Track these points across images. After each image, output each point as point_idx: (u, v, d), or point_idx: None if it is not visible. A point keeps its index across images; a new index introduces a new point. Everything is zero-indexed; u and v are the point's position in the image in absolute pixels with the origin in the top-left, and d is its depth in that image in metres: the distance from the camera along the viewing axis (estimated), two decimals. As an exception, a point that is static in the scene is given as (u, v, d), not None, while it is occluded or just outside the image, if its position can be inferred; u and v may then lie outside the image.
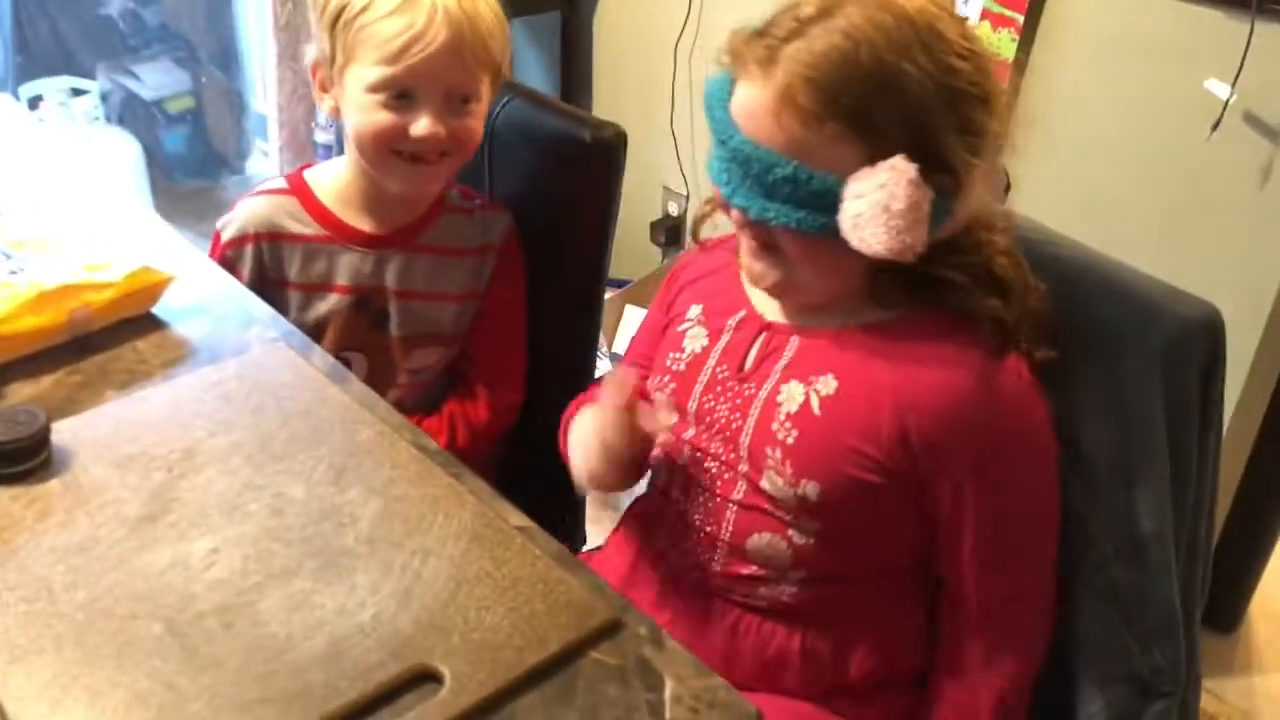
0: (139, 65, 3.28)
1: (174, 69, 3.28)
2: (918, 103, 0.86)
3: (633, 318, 2.43)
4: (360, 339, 1.24)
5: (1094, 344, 0.97)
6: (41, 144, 1.48)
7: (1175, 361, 0.92)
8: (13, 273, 1.03)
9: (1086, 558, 1.00)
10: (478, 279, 1.28)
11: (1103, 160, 1.76)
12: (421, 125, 1.13)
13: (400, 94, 1.13)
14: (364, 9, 1.11)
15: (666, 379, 1.08)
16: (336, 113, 1.19)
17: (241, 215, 1.24)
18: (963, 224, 0.94)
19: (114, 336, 1.05)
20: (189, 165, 3.32)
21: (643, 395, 1.14)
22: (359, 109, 1.15)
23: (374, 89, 1.13)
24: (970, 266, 0.96)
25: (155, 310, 1.10)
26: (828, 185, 0.87)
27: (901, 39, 0.85)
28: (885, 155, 0.85)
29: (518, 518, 0.87)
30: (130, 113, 3.26)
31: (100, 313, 1.04)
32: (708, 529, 1.03)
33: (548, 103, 1.29)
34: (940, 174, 0.87)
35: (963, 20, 0.91)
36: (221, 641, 0.75)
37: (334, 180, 1.25)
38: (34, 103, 2.92)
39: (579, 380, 1.39)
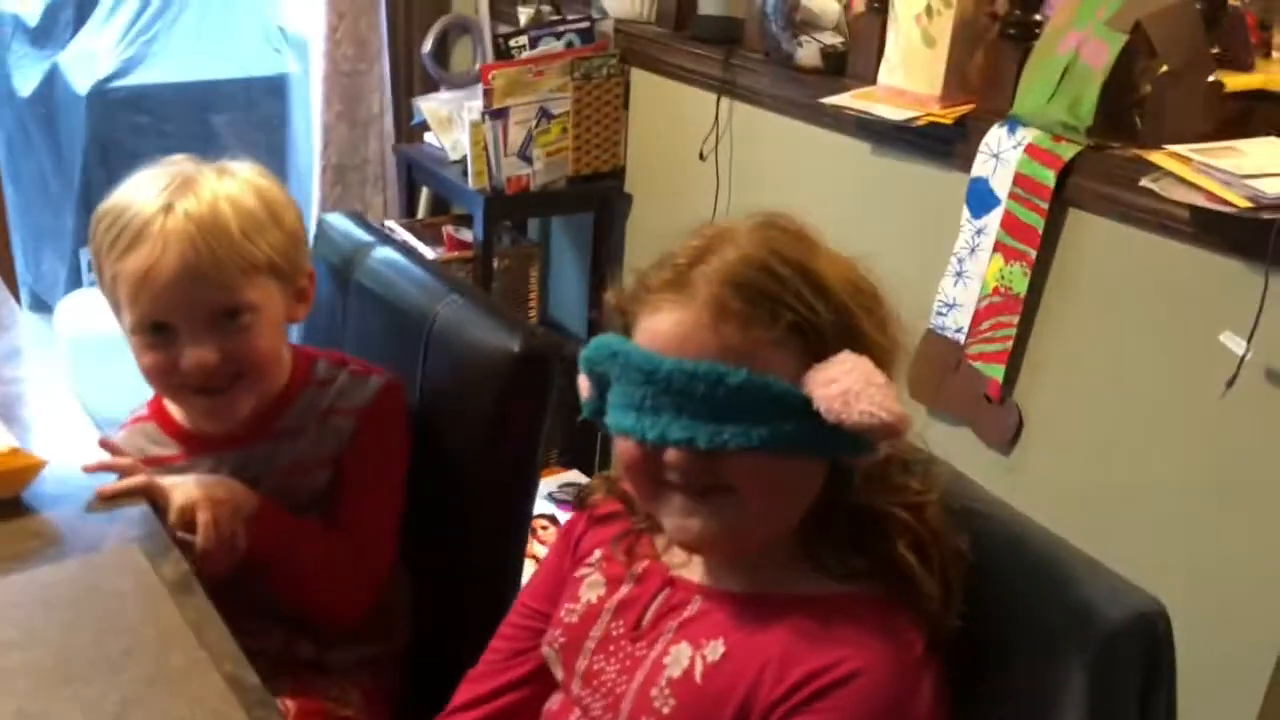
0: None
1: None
2: (841, 301, 0.83)
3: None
4: None
5: (1008, 619, 0.84)
6: None
7: (1105, 668, 0.78)
8: None
9: None
10: (336, 441, 1.19)
11: (1115, 404, 1.64)
12: (186, 357, 1.08)
13: (156, 328, 1.09)
14: (107, 255, 1.09)
15: (559, 633, 0.97)
16: None
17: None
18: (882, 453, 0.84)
19: (-34, 521, 0.99)
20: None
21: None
22: (134, 353, 1.12)
23: (133, 331, 1.11)
24: (894, 519, 0.85)
25: (26, 495, 1.03)
26: (785, 388, 0.80)
27: (803, 246, 0.85)
28: (825, 354, 0.81)
29: (311, 781, 0.76)
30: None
31: (-45, 496, 0.99)
32: None
33: (483, 305, 1.23)
34: None
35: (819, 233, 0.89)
36: None
37: None
38: (91, 264, 3.03)
39: (499, 597, 1.28)
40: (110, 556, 0.96)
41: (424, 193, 2.92)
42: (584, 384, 0.91)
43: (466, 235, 2.61)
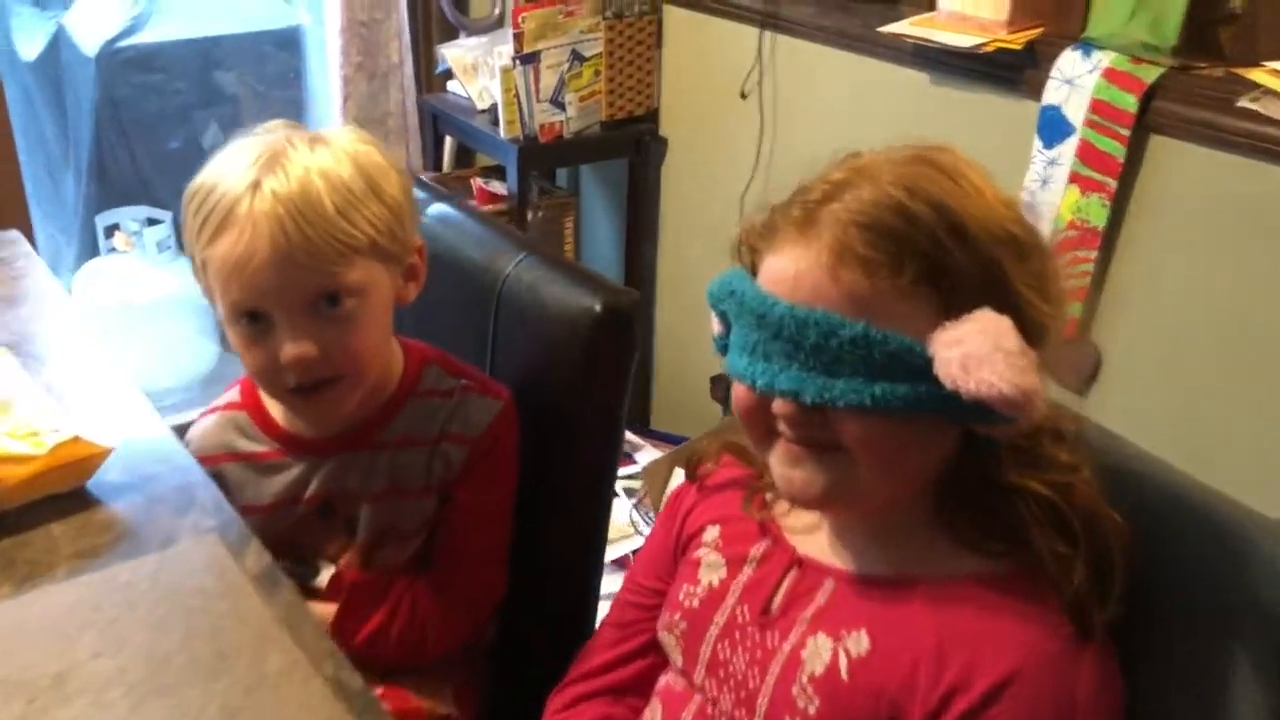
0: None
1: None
2: (987, 248, 0.74)
3: (685, 482, 2.26)
4: (333, 548, 1.09)
5: (1179, 595, 0.77)
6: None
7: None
8: (-77, 442, 0.92)
9: None
10: (445, 469, 1.10)
11: (1205, 343, 1.56)
12: (284, 351, 0.97)
13: (252, 317, 0.98)
14: (196, 240, 0.98)
15: (678, 617, 0.91)
16: None
17: (195, 440, 1.11)
18: (1033, 422, 0.76)
19: (31, 516, 0.93)
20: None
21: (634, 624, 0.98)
22: (236, 347, 1.02)
23: (229, 322, 1.00)
24: (1039, 498, 0.77)
25: (91, 485, 0.97)
26: (905, 345, 0.72)
27: (951, 186, 0.75)
28: (962, 310, 0.72)
29: (437, 793, 0.70)
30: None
31: (16, 490, 0.92)
32: None
33: (558, 265, 1.15)
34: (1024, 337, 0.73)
35: (988, 172, 0.78)
36: None
37: None
38: (109, 231, 2.94)
39: (581, 571, 1.21)
40: (188, 550, 0.90)
41: (447, 144, 2.82)
42: (714, 320, 0.85)
43: (498, 187, 2.53)
